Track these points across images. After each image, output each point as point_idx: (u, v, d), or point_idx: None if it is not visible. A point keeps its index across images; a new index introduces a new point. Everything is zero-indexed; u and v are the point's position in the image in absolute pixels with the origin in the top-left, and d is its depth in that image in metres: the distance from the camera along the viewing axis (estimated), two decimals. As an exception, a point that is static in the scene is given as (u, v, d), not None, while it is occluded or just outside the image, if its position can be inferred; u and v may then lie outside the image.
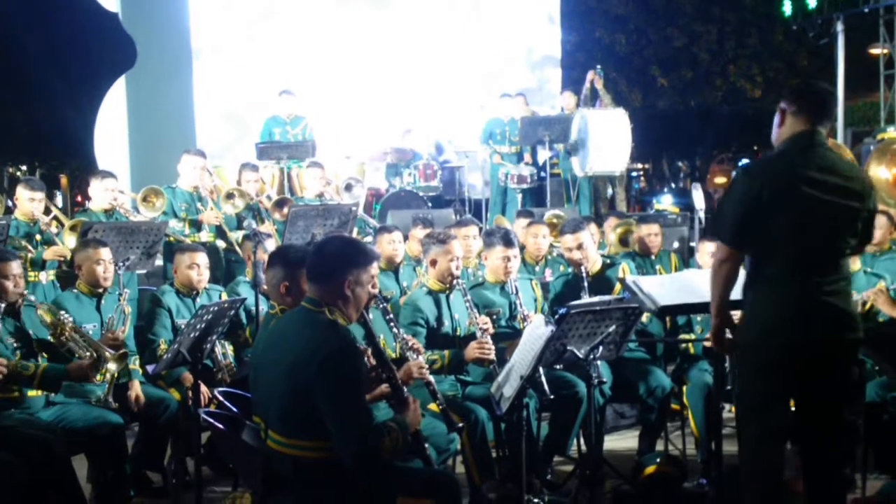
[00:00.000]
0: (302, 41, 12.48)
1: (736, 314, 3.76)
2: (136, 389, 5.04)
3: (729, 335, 3.77)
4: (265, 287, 4.69)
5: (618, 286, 5.71)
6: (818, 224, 3.58)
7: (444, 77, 12.89)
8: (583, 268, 5.65)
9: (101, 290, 5.29)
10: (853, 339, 3.66)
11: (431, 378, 4.42)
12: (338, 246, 3.62)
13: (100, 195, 7.45)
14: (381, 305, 4.50)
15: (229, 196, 8.30)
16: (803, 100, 3.69)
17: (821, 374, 3.62)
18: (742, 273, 3.76)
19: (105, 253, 5.33)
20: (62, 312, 4.85)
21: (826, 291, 3.58)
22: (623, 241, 7.86)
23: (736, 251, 3.63)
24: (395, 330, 4.55)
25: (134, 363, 5.22)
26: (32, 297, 5.07)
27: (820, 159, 3.62)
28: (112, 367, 4.81)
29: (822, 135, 3.68)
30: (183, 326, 5.30)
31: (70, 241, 6.88)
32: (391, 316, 4.53)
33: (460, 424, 4.37)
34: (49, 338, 4.83)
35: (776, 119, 3.74)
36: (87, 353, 4.82)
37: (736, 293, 3.74)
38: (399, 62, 12.71)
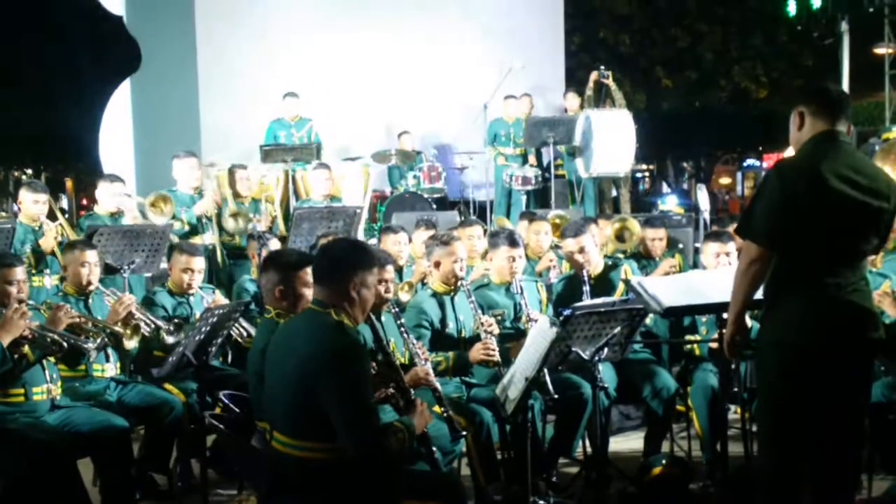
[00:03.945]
0: (307, 45, 12.47)
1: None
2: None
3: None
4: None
5: (620, 287, 5.70)
6: (848, 223, 3.53)
7: (449, 78, 12.86)
8: (585, 271, 5.64)
9: (87, 292, 5.28)
10: (876, 339, 3.62)
11: (438, 384, 4.42)
12: (344, 248, 3.67)
13: (107, 199, 7.46)
14: (393, 311, 4.49)
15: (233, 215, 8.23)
16: (820, 99, 3.65)
17: (844, 373, 3.57)
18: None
19: (91, 256, 5.28)
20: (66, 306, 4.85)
21: (850, 290, 3.55)
22: (619, 237, 7.84)
23: (768, 251, 3.54)
24: (405, 336, 4.55)
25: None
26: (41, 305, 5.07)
27: (846, 157, 3.56)
28: (131, 344, 4.84)
29: (843, 133, 3.63)
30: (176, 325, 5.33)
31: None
32: (402, 321, 4.53)
33: (464, 432, 4.35)
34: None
35: (793, 122, 3.67)
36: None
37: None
38: (403, 64, 12.69)
